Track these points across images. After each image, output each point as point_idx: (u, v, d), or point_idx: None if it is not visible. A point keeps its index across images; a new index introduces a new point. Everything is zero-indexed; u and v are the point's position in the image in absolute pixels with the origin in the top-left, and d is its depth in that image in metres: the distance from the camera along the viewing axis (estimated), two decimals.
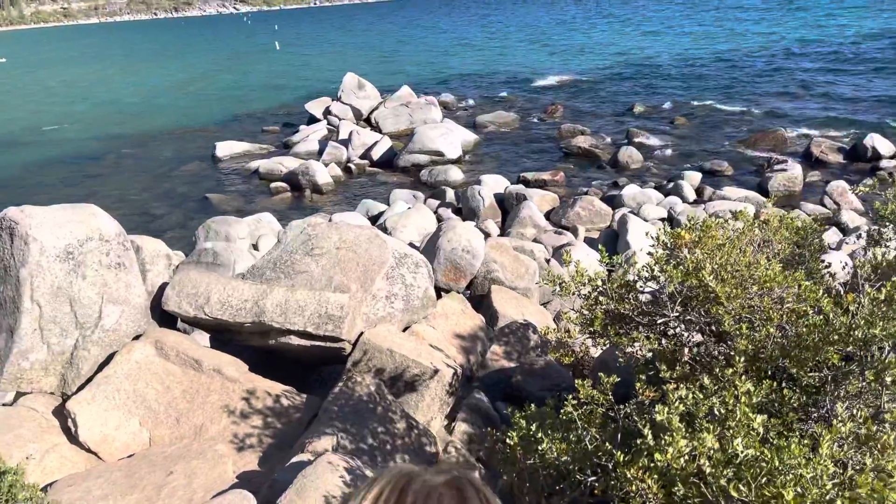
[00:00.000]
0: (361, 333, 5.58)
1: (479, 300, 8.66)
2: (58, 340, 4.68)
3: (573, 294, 3.21)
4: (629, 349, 3.28)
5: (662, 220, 14.16)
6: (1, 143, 28.18)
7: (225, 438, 4.37)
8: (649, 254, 3.15)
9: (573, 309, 3.35)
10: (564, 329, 3.32)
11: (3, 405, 5.00)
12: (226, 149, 22.48)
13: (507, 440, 3.05)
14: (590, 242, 13.36)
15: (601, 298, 3.07)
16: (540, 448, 2.75)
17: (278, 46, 71.16)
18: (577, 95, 29.46)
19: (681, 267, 2.89)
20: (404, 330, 6.47)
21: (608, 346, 4.08)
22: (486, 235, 12.45)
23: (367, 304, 6.26)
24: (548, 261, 11.52)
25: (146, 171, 21.43)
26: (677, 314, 2.87)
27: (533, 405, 5.49)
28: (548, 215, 14.75)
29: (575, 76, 34.26)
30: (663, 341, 2.92)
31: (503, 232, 14.24)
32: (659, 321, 2.88)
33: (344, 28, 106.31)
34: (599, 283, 3.13)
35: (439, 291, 8.03)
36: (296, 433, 4.56)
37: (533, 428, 2.80)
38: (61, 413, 4.65)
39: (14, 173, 22.58)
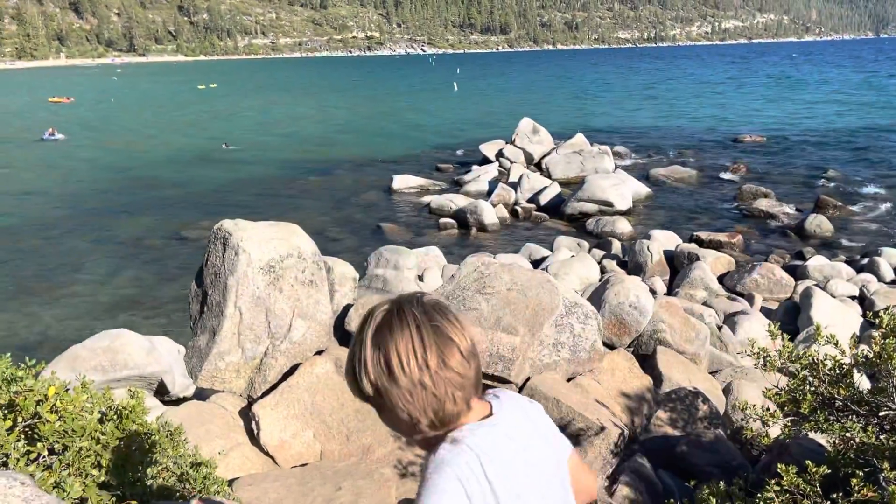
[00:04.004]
0: (528, 378, 5.53)
1: (642, 360, 8.31)
2: (251, 346, 5.07)
3: (774, 370, 2.98)
4: (832, 438, 2.98)
5: (853, 298, 12.92)
6: (196, 159, 31.55)
7: (390, 462, 4.49)
8: (871, 336, 2.87)
9: (776, 386, 3.11)
10: (764, 407, 3.09)
11: (196, 400, 5.47)
12: (401, 182, 23.57)
13: None
14: (766, 313, 12.46)
15: (811, 379, 2.83)
16: None
17: (456, 87, 74.03)
18: (762, 156, 27.92)
19: None
20: (568, 381, 6.34)
21: (791, 428, 3.75)
22: (653, 293, 12.00)
23: (534, 349, 6.22)
24: (719, 327, 10.86)
25: (328, 197, 22.95)
26: None
27: (694, 480, 5.12)
28: (721, 279, 13.97)
29: (761, 136, 32.50)
30: (881, 436, 2.62)
31: (670, 291, 13.67)
32: (881, 413, 2.59)
33: (523, 74, 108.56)
34: (809, 361, 2.88)
35: (604, 346, 7.82)
36: None
37: None
38: (246, 414, 5.01)
39: (210, 187, 25.10)
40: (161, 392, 7.09)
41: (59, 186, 25.84)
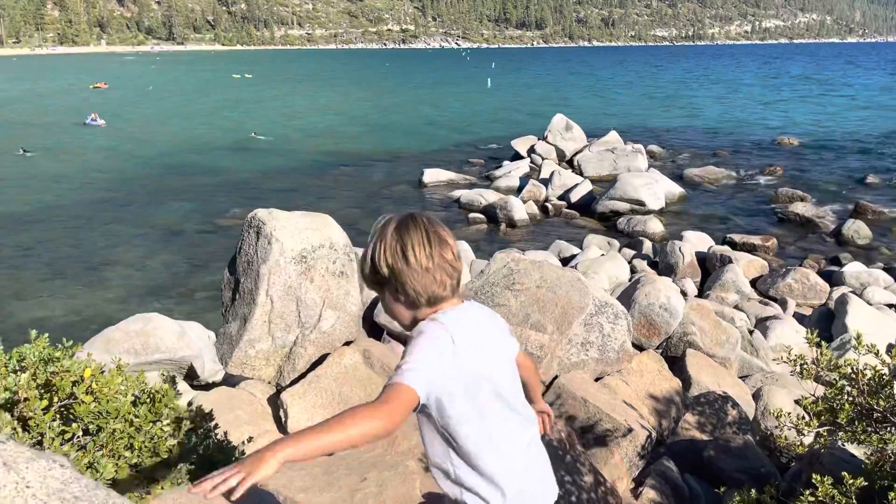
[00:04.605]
0: (556, 377, 5.50)
1: (671, 362, 8.22)
2: (281, 335, 5.11)
3: (811, 378, 2.92)
4: (868, 450, 2.92)
5: (890, 306, 12.63)
6: (228, 147, 31.89)
7: (415, 456, 4.49)
8: None
9: (812, 394, 3.05)
10: (799, 416, 3.03)
11: (226, 386, 5.54)
12: (432, 175, 23.58)
13: None
14: (799, 319, 12.24)
15: (849, 388, 2.77)
16: None
17: (489, 84, 73.77)
18: (799, 159, 27.39)
19: None
20: (596, 380, 6.30)
21: (828, 438, 3.68)
22: (683, 295, 11.86)
23: (562, 347, 6.18)
24: (751, 332, 10.70)
25: (359, 189, 23.07)
26: None
27: (722, 485, 5.03)
28: (754, 283, 13.74)
29: (800, 139, 31.87)
30: None
31: (701, 293, 13.49)
32: None
33: (559, 70, 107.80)
34: (848, 370, 2.82)
35: (633, 347, 7.74)
36: None
37: None
38: (274, 402, 5.06)
39: (241, 176, 25.37)
40: (190, 377, 7.19)
41: (98, 171, 26.35)
